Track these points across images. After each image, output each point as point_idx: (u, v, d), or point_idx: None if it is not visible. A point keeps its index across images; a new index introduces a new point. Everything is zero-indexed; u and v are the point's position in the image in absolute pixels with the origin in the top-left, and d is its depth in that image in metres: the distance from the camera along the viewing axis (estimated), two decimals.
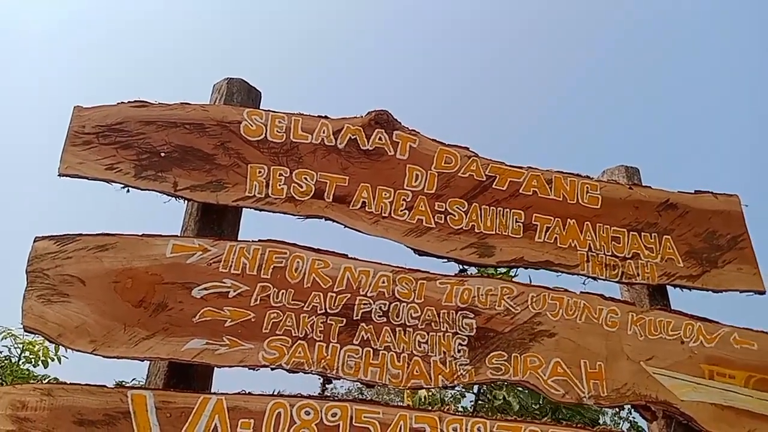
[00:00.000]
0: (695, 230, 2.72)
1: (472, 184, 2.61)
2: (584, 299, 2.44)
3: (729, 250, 2.71)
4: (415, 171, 2.56)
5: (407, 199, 2.50)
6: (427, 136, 2.65)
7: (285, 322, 2.14)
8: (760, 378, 2.46)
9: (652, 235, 2.66)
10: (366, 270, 2.29)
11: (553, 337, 2.34)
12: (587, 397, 2.25)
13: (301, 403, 2.02)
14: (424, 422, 2.07)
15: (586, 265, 2.55)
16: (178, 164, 2.35)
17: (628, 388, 2.32)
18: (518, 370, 2.26)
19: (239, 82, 2.66)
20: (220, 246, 2.22)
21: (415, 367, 2.18)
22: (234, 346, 2.08)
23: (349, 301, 2.23)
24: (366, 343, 2.17)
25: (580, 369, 2.31)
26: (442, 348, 2.23)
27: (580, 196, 2.68)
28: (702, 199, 2.79)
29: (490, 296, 2.37)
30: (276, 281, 2.19)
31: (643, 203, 2.72)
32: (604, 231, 2.62)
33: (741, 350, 2.50)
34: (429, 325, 2.26)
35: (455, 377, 2.20)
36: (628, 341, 2.40)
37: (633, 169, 2.92)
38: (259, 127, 2.47)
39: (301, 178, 2.42)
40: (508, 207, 2.60)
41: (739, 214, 2.81)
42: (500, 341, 2.30)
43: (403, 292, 2.30)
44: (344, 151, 2.52)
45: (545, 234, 2.57)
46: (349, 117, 2.61)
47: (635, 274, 2.57)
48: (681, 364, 2.41)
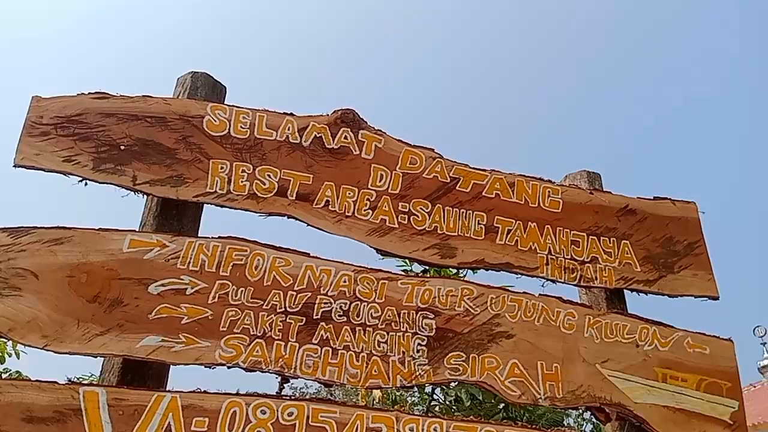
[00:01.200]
0: (653, 236, 2.77)
1: (436, 185, 2.62)
2: (543, 301, 2.47)
3: (685, 256, 2.77)
4: (379, 171, 2.56)
5: (371, 199, 2.50)
6: (392, 136, 2.65)
7: (243, 321, 2.12)
8: (711, 381, 2.52)
9: (611, 240, 2.70)
10: (327, 269, 2.29)
11: (511, 338, 2.37)
12: (543, 399, 2.28)
13: (258, 402, 2.00)
14: (381, 422, 2.07)
15: (546, 267, 2.58)
16: (138, 158, 2.31)
17: (584, 389, 2.36)
18: (476, 370, 2.27)
19: (204, 76, 2.63)
20: (179, 242, 2.19)
21: (373, 366, 2.18)
22: (190, 344, 2.05)
23: (310, 300, 2.22)
24: (325, 343, 2.17)
25: (537, 370, 2.33)
26: (402, 348, 2.23)
27: (542, 199, 2.71)
28: (660, 206, 2.85)
29: (450, 297, 2.39)
30: (235, 279, 2.17)
31: (603, 208, 2.77)
32: (564, 234, 2.66)
33: (694, 354, 2.55)
34: (389, 325, 2.27)
35: (413, 377, 2.21)
36: (585, 344, 2.44)
37: (595, 174, 2.96)
38: (223, 122, 2.45)
39: (264, 175, 2.40)
40: (471, 209, 2.62)
41: (696, 220, 2.88)
42: (459, 342, 2.31)
43: (365, 292, 2.29)
44: (309, 149, 2.51)
45: (506, 236, 2.60)
46: (314, 115, 2.60)
47: (593, 278, 2.61)
48: (635, 367, 2.45)
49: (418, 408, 6.18)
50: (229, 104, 2.53)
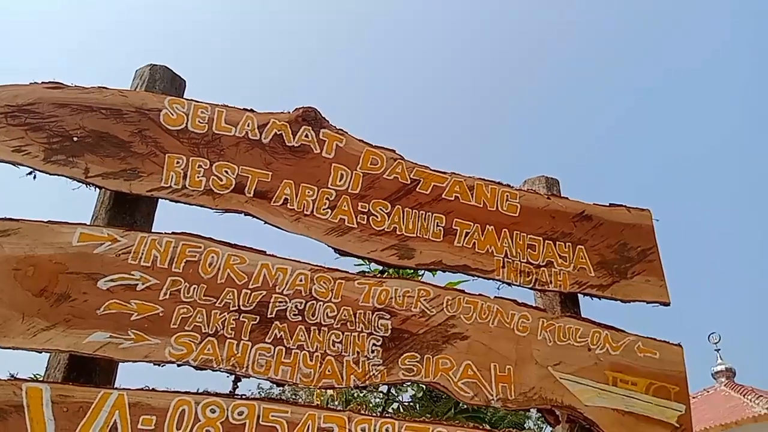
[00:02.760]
0: (608, 241, 2.82)
1: (396, 186, 2.62)
2: (498, 304, 2.50)
3: (638, 262, 2.83)
4: (340, 170, 2.55)
5: (330, 198, 2.49)
6: (354, 136, 2.65)
7: (195, 318, 2.09)
8: (659, 386, 2.57)
9: (566, 245, 2.74)
10: (284, 268, 2.27)
11: (465, 339, 2.38)
12: (495, 400, 2.30)
13: (207, 400, 1.97)
14: (332, 422, 2.06)
15: (502, 270, 2.61)
16: (91, 150, 2.26)
17: (535, 392, 2.38)
18: (430, 371, 2.28)
19: (162, 69, 2.58)
20: (131, 237, 2.14)
21: (327, 366, 2.16)
22: (139, 341, 2.01)
23: (264, 299, 2.19)
24: (279, 342, 2.15)
25: (490, 372, 2.35)
26: (356, 348, 2.23)
27: (500, 203, 2.74)
28: (616, 212, 2.90)
29: (407, 298, 2.39)
30: (188, 275, 2.14)
31: (559, 213, 2.81)
32: (520, 238, 2.69)
33: (644, 359, 2.61)
34: (344, 325, 2.26)
35: (367, 377, 2.20)
36: (538, 346, 2.47)
37: (553, 180, 3.00)
38: (180, 116, 2.41)
39: (222, 171, 2.37)
40: (431, 211, 2.63)
41: (650, 227, 2.94)
42: (414, 342, 2.32)
43: (321, 291, 2.28)
44: (268, 146, 2.48)
45: (464, 239, 2.62)
46: (275, 112, 2.58)
47: (548, 282, 2.65)
48: (587, 370, 2.49)
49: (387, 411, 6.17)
50: (188, 98, 2.49)
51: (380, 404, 5.96)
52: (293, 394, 13.50)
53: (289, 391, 15.21)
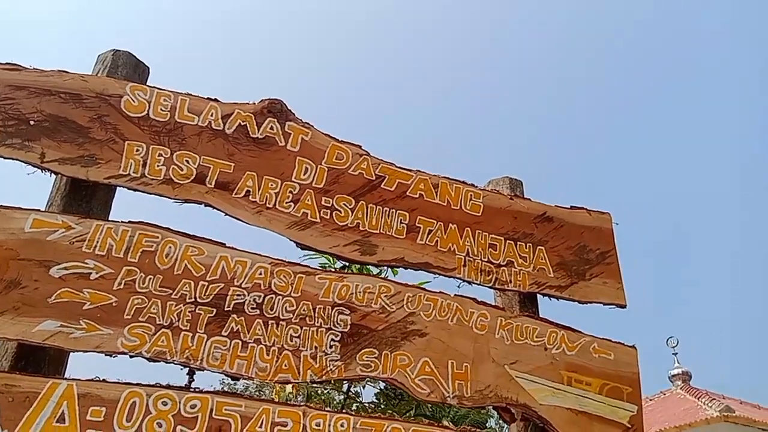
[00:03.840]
0: (568, 243, 2.85)
1: (361, 182, 2.61)
2: (458, 302, 2.51)
3: (597, 265, 2.87)
4: (304, 164, 2.53)
5: (294, 192, 2.47)
6: (320, 130, 2.63)
7: (150, 309, 2.05)
8: (613, 386, 2.62)
9: (527, 245, 2.77)
10: (243, 260, 2.24)
11: (424, 336, 2.39)
12: (451, 397, 2.31)
13: (159, 393, 1.94)
14: (287, 417, 2.05)
15: (463, 269, 2.62)
16: (48, 134, 2.20)
17: (491, 390, 2.40)
18: (387, 367, 2.28)
19: (126, 54, 2.53)
20: (86, 224, 2.09)
21: (284, 361, 2.15)
22: (91, 331, 1.96)
23: (222, 292, 2.17)
24: (235, 335, 2.12)
25: (447, 369, 2.36)
26: (314, 343, 2.22)
27: (464, 202, 2.75)
28: (576, 215, 2.94)
29: (367, 294, 2.39)
30: (143, 265, 2.10)
31: (521, 214, 2.83)
32: (482, 238, 2.70)
33: (599, 359, 2.65)
34: (303, 319, 2.24)
35: (324, 372, 2.19)
36: (495, 345, 2.49)
37: (517, 181, 3.03)
38: (142, 103, 2.36)
39: (183, 160, 2.33)
40: (395, 207, 2.63)
41: (610, 231, 2.99)
42: (373, 338, 2.31)
43: (281, 285, 2.26)
44: (232, 137, 2.45)
45: (427, 236, 2.62)
46: (240, 102, 2.55)
47: (508, 281, 2.67)
48: (542, 369, 2.52)
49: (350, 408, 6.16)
50: (151, 85, 2.45)
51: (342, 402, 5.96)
52: (258, 391, 13.40)
53: (253, 387, 15.12)
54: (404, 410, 5.07)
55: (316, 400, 4.83)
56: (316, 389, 5.32)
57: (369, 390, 5.33)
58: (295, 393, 4.70)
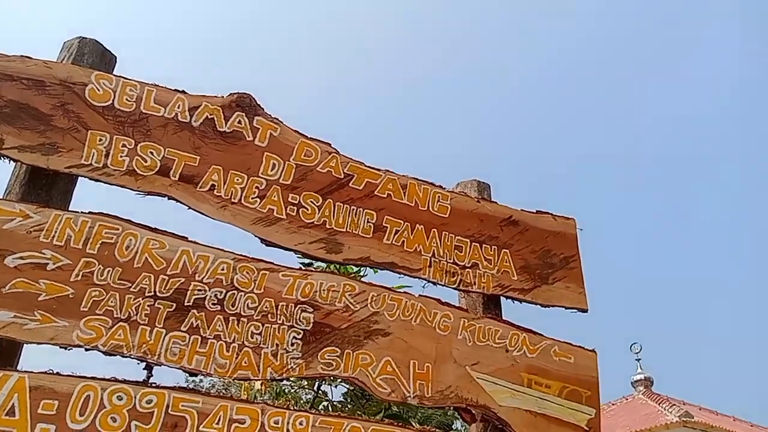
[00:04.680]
0: (532, 247, 2.88)
1: (329, 179, 2.60)
2: (421, 302, 2.51)
3: (560, 269, 2.90)
4: (272, 160, 2.51)
5: (260, 187, 2.45)
6: (289, 126, 2.62)
7: (107, 302, 2.01)
8: (572, 389, 2.65)
9: (492, 248, 2.79)
10: (205, 255, 2.21)
11: (387, 336, 2.39)
12: (412, 397, 2.32)
13: (114, 387, 1.90)
14: (245, 414, 2.03)
15: (428, 270, 2.63)
16: (7, 121, 2.15)
17: (452, 390, 2.41)
18: (349, 366, 2.27)
19: (92, 42, 2.48)
20: (44, 214, 2.05)
21: (244, 357, 2.13)
22: (46, 322, 1.92)
23: (182, 286, 2.14)
24: (195, 331, 2.09)
25: (409, 369, 2.37)
26: (276, 340, 2.20)
27: (431, 203, 2.76)
28: (542, 219, 2.97)
29: (331, 292, 2.38)
30: (102, 257, 2.06)
31: (488, 217, 2.85)
32: (448, 239, 2.72)
33: (559, 362, 2.68)
34: (265, 316, 2.22)
35: (285, 370, 2.18)
36: (457, 345, 2.50)
37: (485, 184, 3.05)
38: (107, 92, 2.32)
39: (147, 151, 2.29)
40: (362, 206, 2.62)
41: (574, 236, 3.02)
42: (335, 337, 2.31)
43: (243, 282, 2.24)
44: (198, 130, 2.42)
45: (393, 236, 2.62)
46: (208, 95, 2.52)
47: (472, 283, 2.68)
48: (503, 371, 2.54)
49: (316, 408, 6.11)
50: (117, 74, 2.41)
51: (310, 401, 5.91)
52: (225, 388, 13.24)
53: (220, 384, 14.93)
54: (372, 410, 5.06)
55: (283, 399, 4.79)
56: (284, 388, 5.27)
57: (342, 389, 5.32)
58: (264, 390, 4.65)
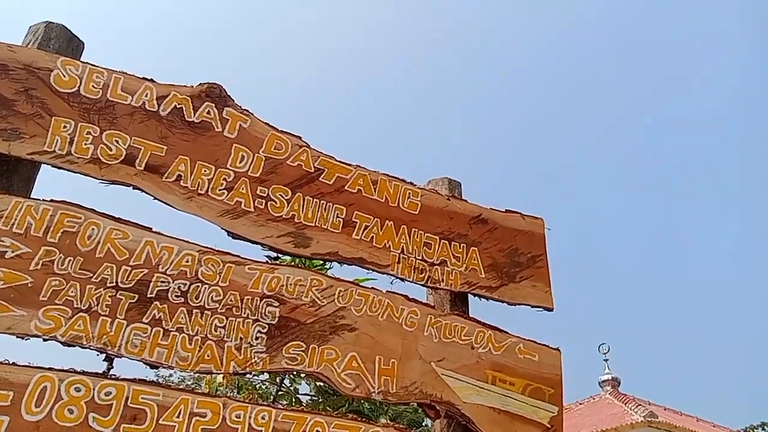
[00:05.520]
0: (500, 246, 2.90)
1: (299, 173, 2.58)
2: (389, 298, 2.51)
3: (527, 268, 2.93)
4: (241, 151, 2.49)
5: (228, 179, 2.42)
6: (259, 118, 2.59)
7: (68, 292, 1.97)
8: (536, 387, 2.67)
9: (461, 245, 2.80)
10: (169, 246, 2.18)
11: (353, 331, 2.38)
12: (376, 393, 2.32)
13: (73, 378, 1.87)
14: (206, 407, 2.01)
15: (397, 266, 2.63)
16: None
17: (417, 386, 2.42)
18: (314, 361, 2.27)
19: (59, 27, 2.43)
20: (4, 201, 2.00)
21: (207, 351, 2.10)
22: (3, 311, 1.87)
23: (145, 277, 2.10)
24: (157, 323, 2.06)
25: (374, 365, 2.37)
26: (240, 334, 2.18)
27: (402, 200, 2.76)
28: (511, 219, 2.99)
29: (298, 286, 2.36)
30: (63, 246, 2.02)
31: (457, 215, 2.86)
32: (418, 236, 2.72)
33: (523, 360, 2.70)
34: (230, 310, 2.20)
35: (248, 364, 2.16)
36: (423, 342, 2.51)
37: (456, 182, 3.06)
38: (73, 78, 2.27)
39: (112, 140, 2.25)
40: (332, 201, 2.61)
41: (542, 236, 3.05)
42: (301, 332, 2.29)
43: (208, 274, 2.22)
44: (166, 119, 2.38)
45: (363, 232, 2.62)
46: (177, 85, 2.48)
47: (440, 280, 2.69)
48: (468, 368, 2.55)
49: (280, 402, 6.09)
50: (84, 61, 2.36)
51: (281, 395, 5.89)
52: (195, 382, 13.11)
53: (189, 379, 14.78)
54: (340, 406, 5.06)
55: (245, 393, 4.76)
56: (249, 382, 5.23)
57: (316, 384, 5.31)
58: (226, 384, 4.61)
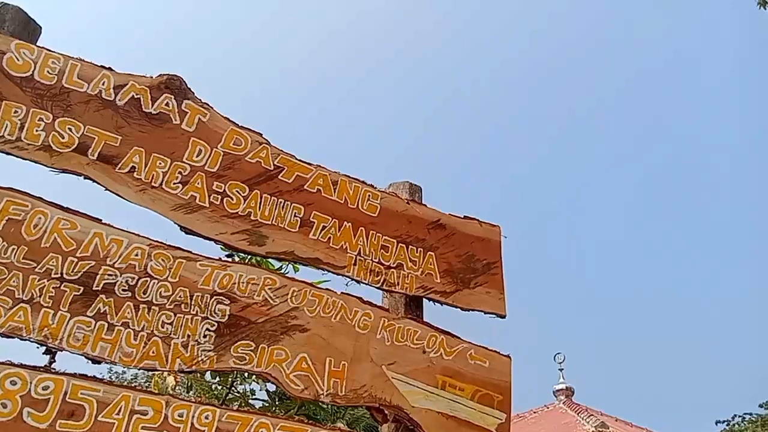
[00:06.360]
0: (457, 251, 2.91)
1: (257, 170, 2.55)
2: (343, 300, 2.50)
3: (482, 274, 2.95)
4: (199, 145, 2.45)
5: (184, 173, 2.38)
6: (219, 112, 2.55)
7: (9, 281, 1.91)
8: (485, 393, 2.69)
9: (418, 250, 2.80)
10: (119, 239, 2.14)
11: (305, 332, 2.37)
12: (325, 395, 2.30)
13: (9, 371, 1.81)
14: (148, 405, 1.97)
15: (353, 268, 2.62)
16: None
17: (366, 389, 2.41)
18: (263, 361, 2.24)
19: (15, 9, 2.35)
20: None
21: (152, 347, 2.06)
22: None
23: (92, 270, 2.05)
24: (102, 317, 2.02)
25: (324, 366, 2.35)
26: (187, 331, 2.14)
27: (361, 202, 2.75)
28: (468, 225, 3.01)
29: (251, 285, 2.34)
30: (8, 235, 1.95)
31: (416, 219, 2.87)
32: (375, 238, 2.71)
33: (474, 366, 2.72)
34: (178, 306, 2.16)
35: (195, 362, 2.13)
36: (375, 345, 2.50)
37: (416, 186, 3.06)
38: (27, 62, 2.20)
39: (65, 127, 2.19)
40: (290, 200, 2.59)
41: (498, 243, 3.07)
42: (251, 331, 2.27)
43: (157, 269, 2.17)
44: (122, 109, 2.33)
45: (320, 232, 2.60)
46: (137, 74, 2.43)
47: (396, 283, 2.69)
48: (419, 372, 2.56)
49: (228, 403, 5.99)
50: (40, 46, 2.29)
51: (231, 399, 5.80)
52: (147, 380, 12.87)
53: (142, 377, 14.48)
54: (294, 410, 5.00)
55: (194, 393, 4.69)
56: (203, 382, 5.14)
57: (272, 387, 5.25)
58: (174, 384, 4.54)
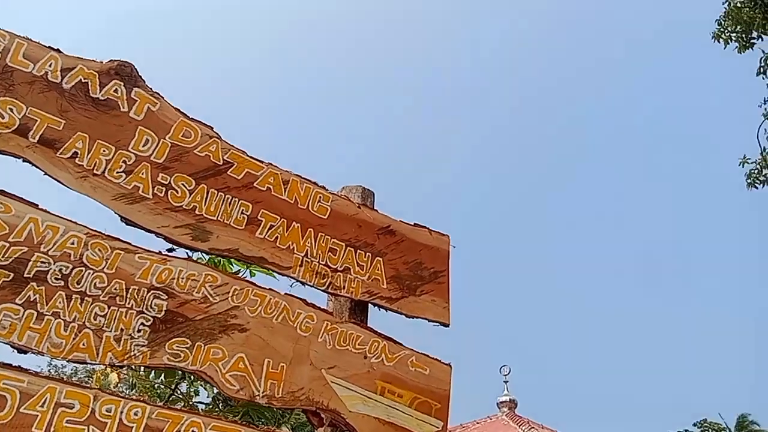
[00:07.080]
0: (405, 258, 2.92)
1: (206, 164, 2.51)
2: (286, 301, 2.47)
3: (429, 282, 2.95)
4: (146, 135, 2.38)
5: (128, 162, 2.32)
6: (170, 103, 2.49)
7: None
8: (423, 400, 2.70)
9: (366, 254, 2.79)
10: (55, 226, 2.06)
11: (244, 332, 2.33)
12: (261, 396, 2.27)
13: None
14: (75, 398, 1.90)
15: (299, 269, 2.59)
16: None
17: (304, 392, 2.39)
18: (198, 359, 2.19)
19: None
20: None
21: (83, 339, 2.00)
22: None
23: (24, 256, 1.98)
24: (31, 305, 1.94)
25: (262, 367, 2.32)
26: (121, 325, 2.08)
27: (312, 203, 2.73)
28: (418, 232, 3.02)
29: (191, 281, 2.29)
30: None
31: (366, 223, 2.86)
32: (324, 241, 2.69)
33: (414, 373, 2.72)
34: (113, 298, 2.10)
35: (127, 357, 2.07)
36: (316, 348, 2.48)
37: (369, 191, 3.05)
38: None
39: (6, 107, 2.11)
40: (238, 197, 2.54)
41: (446, 252, 3.09)
42: (188, 328, 2.22)
43: (94, 259, 2.11)
44: (68, 93, 2.26)
45: (267, 231, 2.57)
46: (86, 59, 2.35)
47: (341, 287, 2.67)
48: (358, 377, 2.55)
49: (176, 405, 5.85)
50: None
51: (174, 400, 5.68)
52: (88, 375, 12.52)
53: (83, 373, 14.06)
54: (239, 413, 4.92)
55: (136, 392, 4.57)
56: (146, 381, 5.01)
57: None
58: (117, 382, 4.42)
